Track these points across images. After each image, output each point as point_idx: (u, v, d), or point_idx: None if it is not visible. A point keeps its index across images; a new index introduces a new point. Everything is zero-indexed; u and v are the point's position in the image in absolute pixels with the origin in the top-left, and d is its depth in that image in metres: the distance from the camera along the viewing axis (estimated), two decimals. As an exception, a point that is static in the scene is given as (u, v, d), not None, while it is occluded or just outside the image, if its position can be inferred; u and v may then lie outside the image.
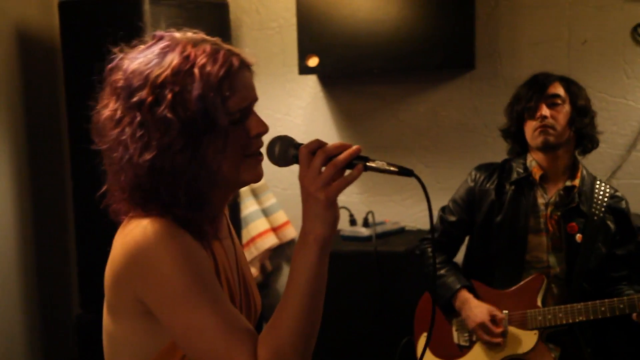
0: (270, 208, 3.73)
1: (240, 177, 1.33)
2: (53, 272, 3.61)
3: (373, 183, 3.67)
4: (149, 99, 1.24)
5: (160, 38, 1.32)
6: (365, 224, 3.38)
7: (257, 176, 1.34)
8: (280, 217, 3.74)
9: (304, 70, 3.40)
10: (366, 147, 1.26)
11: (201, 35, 1.33)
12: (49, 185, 3.60)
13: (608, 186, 2.62)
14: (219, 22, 3.42)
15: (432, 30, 3.27)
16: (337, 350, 3.23)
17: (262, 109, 3.77)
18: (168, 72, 1.25)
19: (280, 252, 3.86)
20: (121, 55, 1.33)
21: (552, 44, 3.40)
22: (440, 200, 2.87)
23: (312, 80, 3.68)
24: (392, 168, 1.26)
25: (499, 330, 2.50)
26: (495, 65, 3.48)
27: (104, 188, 1.33)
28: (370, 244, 3.22)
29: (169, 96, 1.23)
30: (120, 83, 1.28)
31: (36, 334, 3.45)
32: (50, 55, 3.57)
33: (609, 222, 2.56)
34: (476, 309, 2.52)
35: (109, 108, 1.29)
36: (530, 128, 2.57)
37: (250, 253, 3.61)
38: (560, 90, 2.55)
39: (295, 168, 1.31)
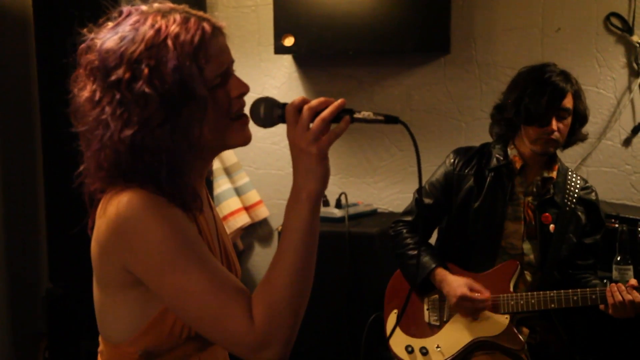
0: (243, 187, 3.72)
1: (228, 141, 1.33)
2: (22, 246, 3.57)
3: (346, 165, 3.68)
4: (126, 75, 1.23)
5: (129, 14, 1.31)
6: (338, 205, 3.40)
7: (246, 138, 1.35)
8: (252, 196, 3.74)
9: (279, 49, 3.38)
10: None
11: (168, 4, 1.33)
12: (19, 158, 3.55)
13: (579, 177, 2.67)
14: (194, 1, 3.38)
15: (408, 13, 3.28)
16: (307, 329, 3.24)
17: (237, 88, 3.76)
18: (142, 47, 1.24)
19: (252, 231, 3.87)
20: (91, 35, 1.32)
21: (527, 31, 3.43)
22: (414, 184, 2.89)
23: (287, 60, 3.67)
24: (378, 117, 1.28)
25: (483, 296, 2.51)
26: (470, 50, 3.50)
27: (80, 169, 1.32)
28: (342, 225, 3.24)
29: (146, 71, 1.23)
30: (96, 63, 1.27)
31: (5, 308, 3.42)
32: (22, 29, 3.51)
33: (579, 213, 2.61)
34: (454, 283, 2.54)
35: (86, 90, 1.28)
36: (533, 133, 2.52)
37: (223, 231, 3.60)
38: (570, 103, 2.52)
39: (266, 147, 1.32)
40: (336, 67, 3.65)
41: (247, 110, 1.35)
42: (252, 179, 3.75)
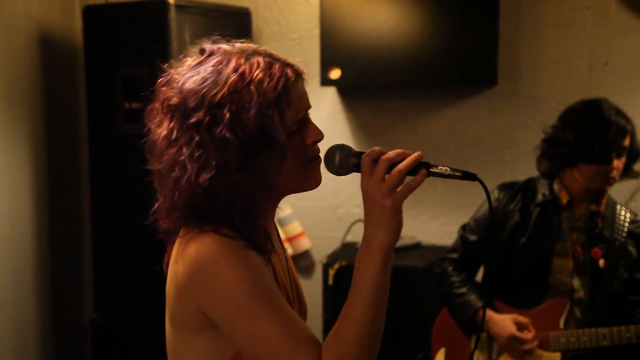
0: (286, 218, 3.72)
1: (299, 185, 1.34)
2: (68, 276, 3.61)
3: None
4: (207, 118, 1.23)
5: (211, 53, 1.31)
6: (382, 237, 3.36)
7: (317, 182, 1.35)
8: (295, 227, 3.74)
9: (325, 81, 3.40)
10: None
11: (251, 45, 1.33)
12: (67, 188, 3.60)
13: (629, 211, 2.62)
14: (241, 31, 3.42)
15: (455, 45, 3.27)
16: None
17: (281, 120, 3.78)
18: (225, 91, 1.24)
19: (294, 263, 3.84)
20: (171, 70, 1.32)
21: (573, 64, 3.40)
22: (457, 216, 2.86)
23: (331, 92, 3.68)
24: (455, 173, 1.27)
25: (529, 336, 2.48)
26: (516, 83, 3.47)
27: (155, 207, 1.33)
28: (386, 258, 3.20)
29: (227, 116, 1.23)
30: (174, 101, 1.27)
31: (50, 338, 3.45)
32: (72, 60, 3.58)
33: (630, 247, 2.57)
34: (501, 323, 2.51)
35: (163, 127, 1.29)
36: (590, 171, 2.48)
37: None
38: (627, 141, 2.50)
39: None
40: (380, 99, 3.65)
41: (321, 154, 1.35)
42: (294, 210, 3.75)
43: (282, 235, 3.67)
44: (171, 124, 1.27)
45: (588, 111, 2.52)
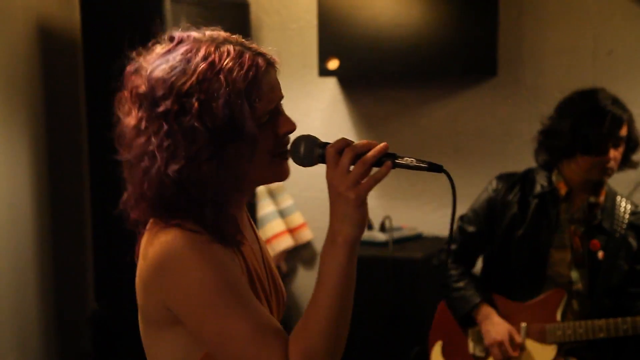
0: (287, 209, 3.71)
1: (267, 176, 1.32)
2: (69, 267, 3.61)
3: (391, 188, 3.64)
4: (175, 108, 1.21)
5: (180, 40, 1.27)
6: (382, 229, 3.35)
7: (284, 175, 1.33)
8: (296, 218, 3.72)
9: (323, 72, 3.38)
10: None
11: (222, 33, 1.29)
12: (67, 180, 3.60)
13: (629, 202, 2.59)
14: (239, 22, 3.41)
15: (454, 35, 3.24)
16: (348, 355, 3.20)
17: (281, 110, 3.77)
18: (193, 79, 1.21)
19: (295, 254, 3.84)
20: (139, 58, 1.29)
21: (577, 53, 3.36)
22: (459, 208, 2.83)
23: (331, 82, 3.66)
24: (421, 164, 1.24)
25: (514, 354, 2.49)
26: (518, 72, 3.44)
27: (124, 197, 1.31)
28: (386, 250, 3.19)
29: (196, 105, 1.20)
30: (142, 90, 1.25)
31: (51, 329, 3.45)
32: (70, 51, 3.57)
33: (630, 239, 2.54)
34: (497, 326, 2.51)
35: (132, 116, 1.26)
36: (587, 162, 2.45)
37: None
38: (625, 131, 2.46)
39: (312, 169, 1.30)
40: (381, 90, 3.63)
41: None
42: (296, 201, 3.73)
43: (283, 227, 3.67)
44: (140, 113, 1.24)
45: (583, 101, 2.49)
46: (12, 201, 3.20)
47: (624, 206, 2.56)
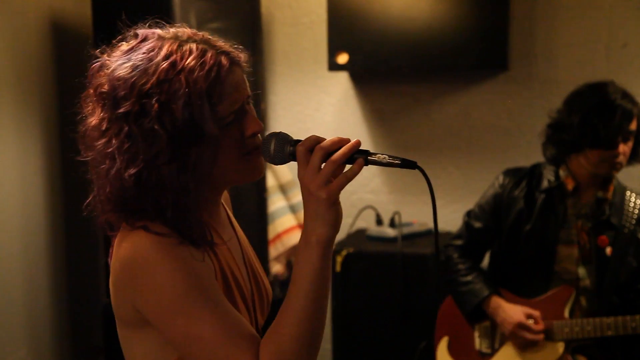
0: (298, 204, 3.70)
1: (240, 177, 1.30)
2: (81, 263, 3.63)
3: (402, 183, 3.62)
4: (135, 109, 1.19)
5: (144, 38, 1.26)
6: (392, 224, 3.33)
7: (258, 174, 1.31)
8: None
9: (333, 66, 3.35)
10: (397, 147, 1.24)
11: (187, 31, 1.27)
12: (79, 177, 3.62)
13: (639, 197, 2.54)
14: (250, 17, 3.39)
15: (465, 29, 3.20)
16: (356, 351, 3.20)
17: (292, 105, 3.76)
18: (153, 80, 1.19)
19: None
20: (104, 57, 1.28)
21: (591, 47, 3.31)
22: (471, 203, 2.81)
23: (343, 77, 3.64)
24: (394, 161, 1.21)
25: (539, 327, 2.44)
26: (531, 66, 3.39)
27: (90, 198, 1.30)
28: (395, 245, 3.17)
29: (155, 106, 1.18)
30: (105, 89, 1.23)
31: (63, 324, 3.48)
32: (83, 47, 3.59)
33: None
34: (510, 311, 2.47)
35: (94, 116, 1.25)
36: (596, 156, 2.42)
37: (276, 249, 3.59)
38: (634, 125, 2.42)
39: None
40: (393, 84, 3.60)
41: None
42: (307, 196, 3.72)
43: (295, 222, 3.66)
44: (102, 113, 1.23)
45: (593, 95, 2.45)
46: (25, 198, 3.23)
47: (634, 201, 2.52)
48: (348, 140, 1.20)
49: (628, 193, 2.54)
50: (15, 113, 3.18)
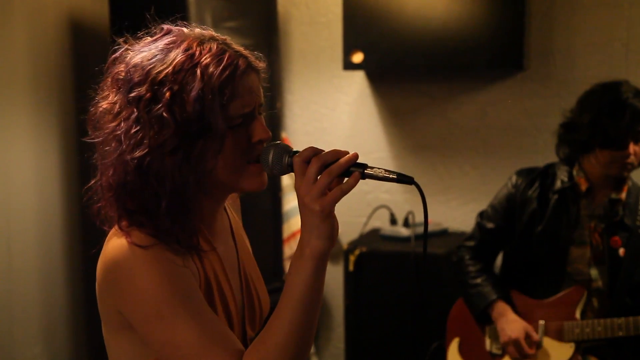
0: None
1: (241, 184, 1.29)
2: (97, 259, 3.67)
3: (419, 183, 3.59)
4: (147, 95, 1.21)
5: (168, 32, 1.28)
6: (406, 224, 3.32)
7: (260, 184, 1.30)
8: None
9: (348, 65, 3.35)
10: (413, 147, 1.23)
11: (210, 32, 1.29)
12: (95, 172, 3.65)
13: None
14: (266, 16, 3.39)
15: (481, 28, 3.18)
16: (368, 350, 3.20)
17: (309, 104, 3.76)
18: (169, 69, 1.21)
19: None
20: (126, 45, 1.31)
21: (610, 46, 3.27)
22: (487, 203, 2.79)
23: (359, 76, 3.63)
24: (391, 175, 1.19)
25: (530, 351, 2.44)
26: (549, 66, 3.36)
27: (92, 182, 1.30)
28: (409, 245, 3.16)
29: (167, 95, 1.20)
30: (122, 75, 1.25)
31: (79, 320, 3.51)
32: (101, 45, 3.62)
33: None
34: (513, 324, 2.46)
35: (107, 100, 1.27)
36: (606, 157, 2.40)
37: (291, 248, 3.59)
38: None
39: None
40: (409, 83, 3.58)
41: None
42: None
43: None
44: (115, 97, 1.25)
45: (604, 94, 2.42)
46: (41, 195, 3.26)
47: None
48: (346, 153, 1.19)
49: None
50: (32, 111, 3.22)
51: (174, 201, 1.22)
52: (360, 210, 3.67)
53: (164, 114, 1.19)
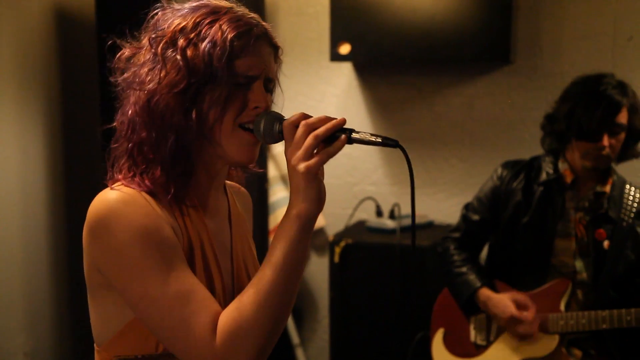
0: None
1: (232, 151, 1.28)
2: (81, 249, 3.65)
3: (403, 175, 3.60)
4: (166, 39, 1.27)
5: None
6: (392, 216, 3.32)
7: (249, 156, 1.30)
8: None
9: (335, 57, 3.34)
10: (400, 139, 1.23)
11: (243, 8, 1.34)
12: (81, 166, 3.63)
13: (638, 191, 2.51)
14: (254, 6, 3.37)
15: (469, 20, 3.18)
16: (353, 341, 3.20)
17: (296, 95, 3.75)
18: (191, 22, 1.27)
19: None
20: (164, 6, 1.36)
21: (596, 39, 3.28)
22: (473, 195, 2.80)
23: (346, 68, 3.63)
24: (376, 139, 1.21)
25: (529, 316, 2.42)
26: (536, 59, 3.37)
27: (113, 124, 1.34)
28: (394, 237, 3.16)
29: (183, 40, 1.25)
30: (152, 25, 1.32)
31: (62, 310, 3.50)
32: (87, 36, 3.59)
33: (638, 229, 2.46)
34: (500, 303, 2.46)
35: (137, 46, 1.33)
36: (582, 148, 2.42)
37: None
38: (624, 118, 2.39)
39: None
40: (396, 75, 3.58)
41: None
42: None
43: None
44: (142, 43, 1.32)
45: (584, 85, 2.44)
46: (25, 183, 3.24)
47: (633, 195, 2.49)
48: (334, 119, 1.21)
49: (627, 187, 2.51)
50: (17, 103, 3.19)
51: (175, 145, 1.26)
52: (346, 202, 3.68)
53: (177, 56, 1.25)
